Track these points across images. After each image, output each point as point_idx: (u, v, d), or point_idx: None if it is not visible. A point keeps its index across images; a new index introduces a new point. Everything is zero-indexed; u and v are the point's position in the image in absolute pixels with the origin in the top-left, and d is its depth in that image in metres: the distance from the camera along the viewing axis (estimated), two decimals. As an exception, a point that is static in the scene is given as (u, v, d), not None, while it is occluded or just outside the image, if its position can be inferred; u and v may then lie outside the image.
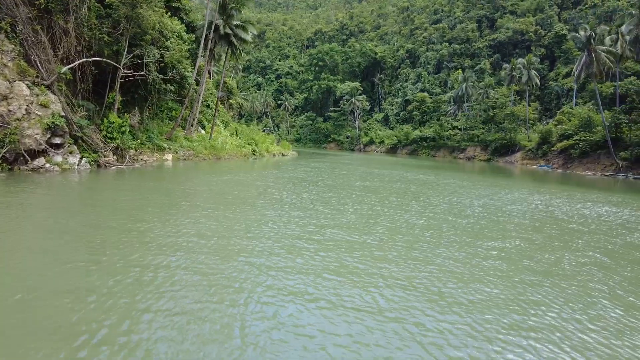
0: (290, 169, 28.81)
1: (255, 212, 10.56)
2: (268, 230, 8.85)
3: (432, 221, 10.86)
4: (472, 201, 15.35)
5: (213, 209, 10.85)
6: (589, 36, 41.86)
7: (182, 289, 5.58)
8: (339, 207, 12.34)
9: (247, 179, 19.09)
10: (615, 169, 42.82)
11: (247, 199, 12.85)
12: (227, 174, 22.04)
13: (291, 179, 20.80)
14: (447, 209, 13.00)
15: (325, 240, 8.34)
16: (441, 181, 24.96)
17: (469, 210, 13.02)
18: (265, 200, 12.64)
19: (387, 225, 10.08)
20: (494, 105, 71.28)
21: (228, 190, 14.67)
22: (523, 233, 10.11)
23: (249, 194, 14.03)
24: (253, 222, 9.48)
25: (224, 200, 12.64)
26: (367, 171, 30.82)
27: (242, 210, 10.84)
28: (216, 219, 9.58)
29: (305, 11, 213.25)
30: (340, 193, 15.48)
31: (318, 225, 9.61)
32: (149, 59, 23.22)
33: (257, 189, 15.29)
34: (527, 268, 7.33)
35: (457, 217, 11.72)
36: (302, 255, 7.26)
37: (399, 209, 12.37)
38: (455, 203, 14.55)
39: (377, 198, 14.84)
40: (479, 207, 14.00)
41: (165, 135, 31.00)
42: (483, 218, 11.84)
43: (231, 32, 34.82)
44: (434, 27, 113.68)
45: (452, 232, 9.71)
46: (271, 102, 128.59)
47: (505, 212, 13.14)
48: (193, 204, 11.55)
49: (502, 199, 16.85)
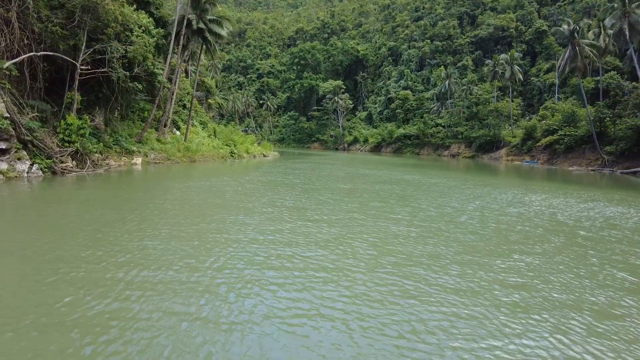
0: (269, 171, 27.15)
1: (213, 229, 8.87)
2: (220, 256, 7.20)
3: (424, 233, 9.35)
4: (465, 204, 14.01)
5: (164, 226, 9.19)
6: (572, 30, 41.35)
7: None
8: (315, 216, 10.77)
9: (218, 184, 17.39)
10: (601, 164, 42.43)
11: (209, 211, 11.15)
12: (197, 179, 20.28)
13: (267, 182, 19.18)
14: (439, 216, 11.58)
15: (293, 271, 6.54)
16: (428, 181, 23.68)
17: (465, 217, 11.63)
18: (230, 212, 10.99)
19: (371, 242, 8.53)
20: (477, 101, 70.83)
21: (191, 200, 12.96)
22: (531, 245, 8.71)
23: (214, 204, 12.34)
24: (204, 244, 7.82)
25: (181, 212, 10.94)
26: (350, 172, 29.40)
27: (198, 227, 9.13)
28: (161, 240, 7.94)
29: (286, 10, 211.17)
30: (318, 199, 13.91)
31: (286, 244, 7.96)
32: (111, 55, 21.29)
33: (225, 197, 13.62)
34: (550, 302, 5.91)
35: (452, 226, 10.29)
36: (256, 297, 5.47)
37: (384, 218, 10.87)
38: (447, 207, 13.19)
39: (359, 203, 13.33)
40: (475, 211, 12.64)
41: (135, 138, 28.99)
42: (482, 227, 10.42)
43: (205, 28, 32.96)
44: (415, 25, 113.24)
45: (451, 248, 8.18)
46: (253, 102, 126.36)
47: (504, 218, 11.79)
48: (144, 218, 9.85)
49: (497, 200, 15.58)
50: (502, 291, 6.02)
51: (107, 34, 20.60)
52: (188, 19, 31.91)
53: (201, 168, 27.20)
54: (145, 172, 22.75)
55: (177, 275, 6.15)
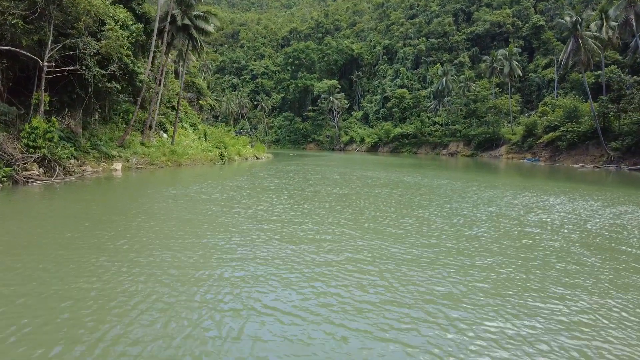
0: (258, 175, 25.37)
1: (165, 263, 6.94)
2: (174, 290, 5.47)
3: (434, 256, 7.39)
4: (475, 212, 12.25)
5: (118, 249, 7.43)
6: (575, 22, 39.80)
7: None
8: (298, 234, 8.88)
9: (198, 191, 15.62)
10: (606, 160, 40.95)
11: (173, 231, 9.08)
12: (177, 186, 18.47)
13: (253, 189, 17.40)
14: (448, 229, 9.65)
15: (259, 325, 4.66)
16: (429, 183, 21.99)
17: (478, 229, 9.80)
18: (197, 231, 9.10)
19: (368, 281, 6.07)
20: (476, 98, 69.31)
21: (156, 213, 11.06)
22: (574, 275, 6.66)
23: (183, 219, 10.42)
24: (156, 276, 6.05)
25: (137, 232, 9.02)
26: (345, 174, 27.68)
27: (149, 257, 7.09)
28: (106, 270, 6.19)
29: (279, 10, 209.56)
30: (305, 209, 12.07)
31: (250, 281, 5.96)
32: (83, 52, 19.49)
33: (199, 209, 11.80)
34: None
35: (465, 243, 8.41)
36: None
37: (381, 235, 8.98)
38: (455, 216, 11.43)
39: (353, 214, 11.54)
40: (488, 221, 10.88)
41: (117, 142, 27.17)
42: (503, 244, 8.55)
43: (190, 24, 31.16)
44: (410, 22, 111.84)
45: (474, 285, 6.01)
46: (247, 103, 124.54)
47: (526, 230, 9.94)
48: (99, 240, 8.09)
49: (511, 205, 13.84)
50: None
51: (78, 29, 18.81)
52: (172, 15, 30.12)
53: (186, 173, 25.40)
54: (123, 179, 20.95)
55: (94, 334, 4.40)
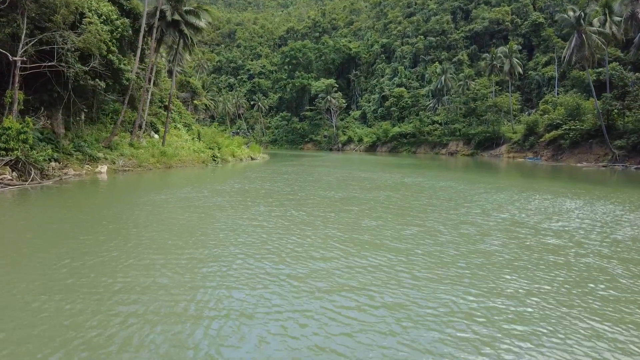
0: (251, 177, 24.12)
1: (134, 277, 5.85)
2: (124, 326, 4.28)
3: (448, 283, 6.08)
4: (486, 219, 10.99)
5: (70, 273, 6.22)
6: (578, 17, 38.67)
7: None
8: (282, 252, 7.54)
9: (182, 197, 14.38)
10: (611, 159, 39.84)
11: (136, 249, 7.79)
12: (162, 190, 17.20)
13: (242, 193, 16.14)
14: (459, 242, 8.40)
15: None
16: (431, 185, 20.80)
17: (493, 241, 8.35)
18: (167, 245, 7.87)
19: (363, 326, 4.74)
20: (475, 97, 68.18)
21: (130, 227, 9.66)
22: (624, 308, 5.46)
23: (154, 232, 9.03)
24: (103, 302, 4.88)
25: (97, 249, 7.80)
26: (342, 175, 26.48)
27: (97, 288, 5.99)
28: (44, 307, 4.98)
29: (276, 10, 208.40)
30: (295, 217, 10.80)
31: (206, 320, 4.79)
32: (61, 47, 18.25)
33: (174, 219, 10.49)
34: None
35: (482, 260, 7.18)
36: None
37: (380, 251, 7.64)
38: (464, 224, 10.16)
39: (347, 223, 10.20)
40: (503, 231, 9.59)
41: (103, 143, 25.91)
42: (527, 263, 7.17)
43: (181, 19, 29.90)
44: (408, 21, 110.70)
45: (500, 325, 4.73)
46: (244, 103, 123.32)
47: (548, 241, 8.61)
48: (53, 263, 6.86)
49: (524, 210, 12.58)
50: None
51: (55, 22, 17.56)
52: (161, 10, 28.87)
53: (175, 175, 24.16)
54: (107, 183, 19.69)
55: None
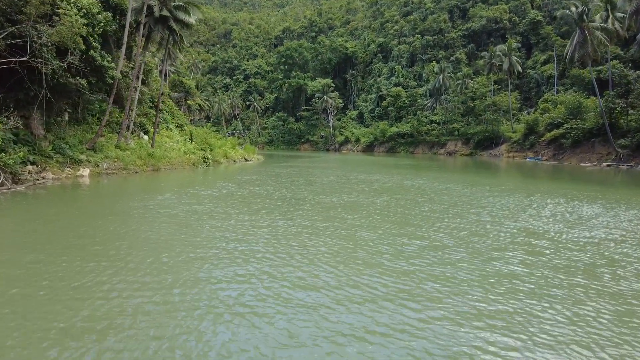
0: (242, 180, 22.85)
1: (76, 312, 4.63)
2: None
3: (464, 324, 4.75)
4: (499, 229, 9.68)
5: None
6: (581, 12, 37.62)
7: None
8: (255, 276, 6.21)
9: (162, 202, 13.15)
10: (615, 158, 38.81)
11: (85, 270, 6.75)
12: (142, 196, 15.94)
13: (228, 198, 14.84)
14: (472, 261, 7.05)
15: None
16: (434, 188, 19.63)
17: (514, 260, 7.17)
18: (118, 267, 6.68)
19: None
20: (474, 96, 67.13)
21: (89, 243, 8.32)
22: None
23: (116, 247, 7.81)
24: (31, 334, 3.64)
25: (49, 272, 6.66)
26: (338, 177, 25.30)
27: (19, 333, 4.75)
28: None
29: (272, 10, 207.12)
30: (281, 230, 9.37)
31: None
32: (36, 41, 16.98)
33: (147, 229, 9.08)
34: None
35: (506, 287, 6.00)
36: None
37: (377, 275, 6.29)
38: (475, 236, 8.85)
39: (340, 236, 8.87)
40: (522, 244, 8.32)
41: (87, 144, 24.61)
42: (561, 291, 5.79)
43: (170, 15, 28.65)
44: (404, 20, 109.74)
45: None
46: (239, 104, 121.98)
47: (580, 260, 7.36)
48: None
49: (539, 217, 11.29)
50: None
51: (27, 14, 16.28)
52: (149, 5, 27.62)
53: (161, 179, 22.90)
54: (86, 187, 18.43)
55: None
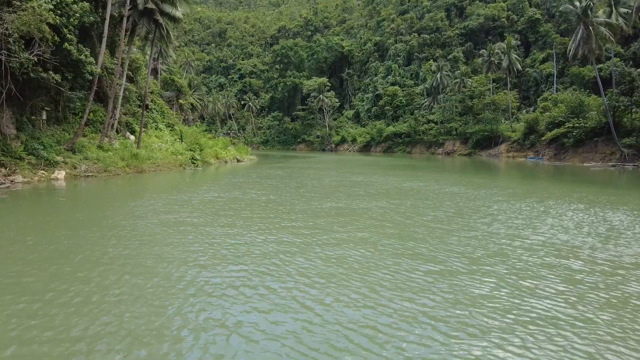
0: (230, 183, 21.33)
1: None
2: None
3: None
4: (521, 245, 8.24)
5: None
6: (585, 7, 36.36)
7: None
8: (210, 324, 4.73)
9: (132, 211, 11.71)
10: (619, 158, 37.61)
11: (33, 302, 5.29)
12: (114, 202, 14.45)
13: (208, 205, 13.31)
14: (500, 302, 5.41)
15: None
16: (436, 191, 18.24)
17: (550, 297, 5.46)
18: (46, 301, 5.28)
19: None
20: (472, 94, 65.86)
21: (27, 269, 7.01)
22: None
23: (54, 273, 6.44)
24: None
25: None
26: (334, 179, 23.89)
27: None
28: None
29: (267, 8, 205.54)
30: (257, 248, 7.85)
31: None
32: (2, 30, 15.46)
33: (101, 248, 7.86)
34: None
35: (553, 354, 4.12)
36: None
37: (372, 317, 4.89)
38: (493, 257, 7.37)
39: (330, 257, 7.33)
40: (555, 268, 6.99)
41: (66, 145, 23.05)
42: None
43: (155, 8, 27.11)
44: (401, 18, 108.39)
45: None
46: (234, 103, 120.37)
47: (636, 294, 5.99)
48: None
49: (564, 229, 9.77)
50: None
51: (-11, 1, 14.75)
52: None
53: (144, 182, 21.39)
54: (57, 192, 16.91)
55: None
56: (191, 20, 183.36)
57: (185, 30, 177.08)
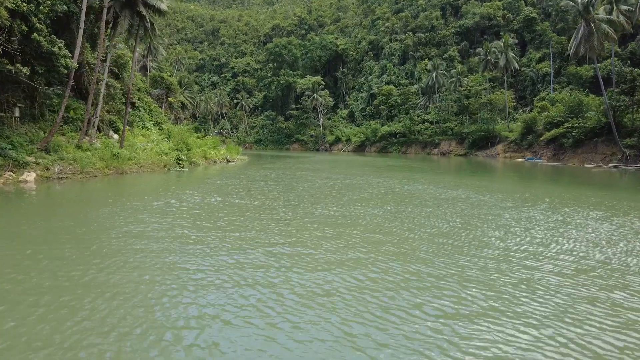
0: (215, 185, 19.82)
1: None
2: None
3: None
4: (551, 273, 6.62)
5: None
6: (587, 3, 35.34)
7: None
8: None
9: (95, 218, 10.28)
10: (620, 159, 36.64)
11: None
12: (80, 210, 12.96)
13: (182, 212, 11.86)
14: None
15: None
16: (436, 196, 16.94)
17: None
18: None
19: None
20: (469, 94, 64.80)
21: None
22: None
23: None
24: None
25: None
26: (326, 181, 22.53)
27: None
28: None
29: (261, 7, 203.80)
30: (220, 277, 6.31)
31: None
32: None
33: (23, 270, 6.50)
34: None
35: None
36: None
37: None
38: (517, 284, 6.01)
39: (310, 295, 5.74)
40: (614, 318, 4.99)
41: (39, 144, 21.47)
42: None
43: (138, 0, 25.59)
44: (396, 17, 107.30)
45: None
46: (227, 102, 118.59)
47: None
48: None
49: (595, 244, 8.36)
50: None
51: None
52: (114, -12, 24.55)
53: (122, 184, 19.86)
54: (22, 196, 15.37)
55: None
56: (184, 18, 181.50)
57: (178, 28, 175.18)
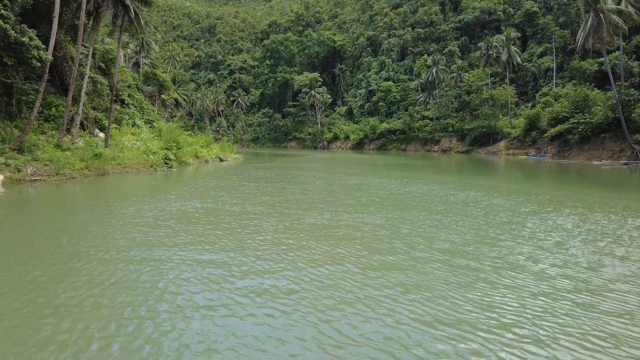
0: (201, 187, 18.20)
1: None
2: None
3: None
4: (626, 327, 4.70)
5: None
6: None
7: None
8: None
9: (58, 230, 8.78)
10: (630, 156, 35.16)
11: None
12: (49, 217, 11.42)
13: (156, 221, 10.30)
14: None
15: None
16: (444, 199, 15.40)
17: None
18: None
19: None
20: (470, 89, 63.22)
21: None
22: None
23: None
24: None
25: None
26: (322, 182, 20.98)
27: None
28: None
29: (258, 3, 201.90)
30: (180, 310, 4.90)
31: None
32: None
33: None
34: None
35: None
36: None
37: None
38: (578, 335, 4.38)
39: (278, 355, 4.10)
40: None
41: (12, 144, 19.87)
42: None
43: (122, -11, 23.97)
44: (394, 12, 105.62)
45: None
46: (223, 99, 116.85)
47: None
48: None
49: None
50: None
51: None
52: (94, -24, 22.93)
53: (101, 187, 18.27)
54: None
55: None
56: (180, 15, 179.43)
57: (174, 25, 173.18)
